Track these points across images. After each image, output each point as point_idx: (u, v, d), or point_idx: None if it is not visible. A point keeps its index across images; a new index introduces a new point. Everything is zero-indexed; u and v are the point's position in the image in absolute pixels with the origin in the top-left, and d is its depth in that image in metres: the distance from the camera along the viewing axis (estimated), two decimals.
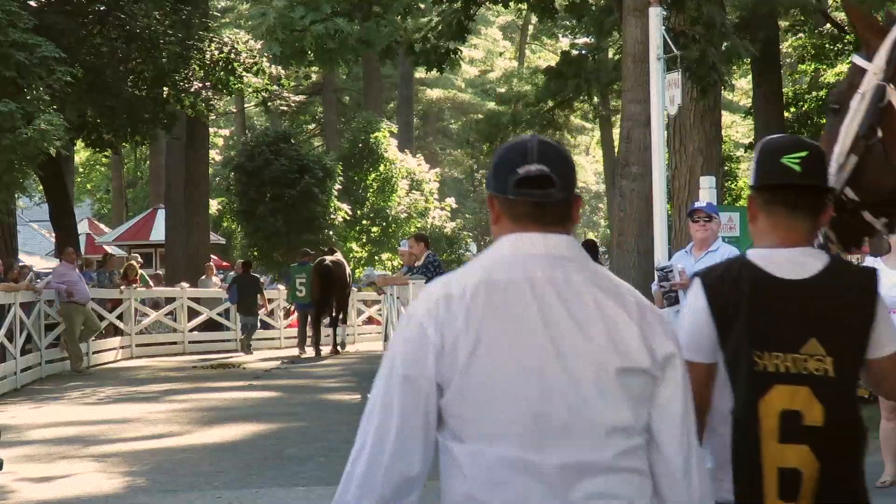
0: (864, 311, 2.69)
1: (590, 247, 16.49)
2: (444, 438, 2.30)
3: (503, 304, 2.26)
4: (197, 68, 22.38)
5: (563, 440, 2.23)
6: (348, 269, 21.20)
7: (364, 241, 32.52)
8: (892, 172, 3.15)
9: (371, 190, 33.35)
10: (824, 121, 19.87)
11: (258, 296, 20.88)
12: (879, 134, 3.17)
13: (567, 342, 2.26)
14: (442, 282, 2.36)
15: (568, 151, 2.44)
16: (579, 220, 2.48)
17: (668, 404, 2.31)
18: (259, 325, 21.45)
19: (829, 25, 23.08)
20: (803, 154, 2.72)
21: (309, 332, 19.95)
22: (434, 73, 16.46)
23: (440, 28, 14.98)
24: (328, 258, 19.91)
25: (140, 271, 21.84)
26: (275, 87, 30.00)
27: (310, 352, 19.72)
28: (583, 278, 2.32)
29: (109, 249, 30.94)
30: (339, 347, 20.50)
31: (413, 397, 2.25)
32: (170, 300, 21.63)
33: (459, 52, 15.72)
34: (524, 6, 16.13)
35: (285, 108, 42.42)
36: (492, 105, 38.29)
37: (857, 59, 3.31)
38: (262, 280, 23.31)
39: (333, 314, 20.26)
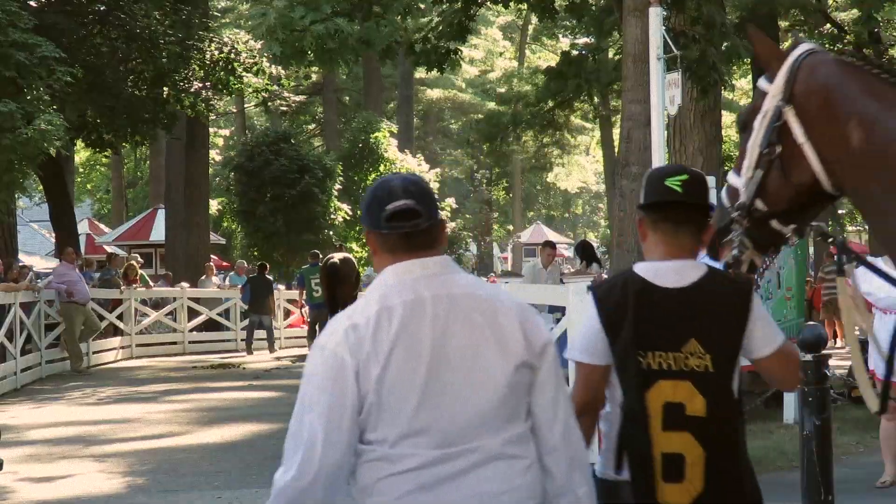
0: (739, 314, 3.04)
1: (586, 248, 16.51)
2: (364, 443, 2.60)
3: (401, 324, 2.59)
4: (197, 68, 22.37)
5: (459, 436, 2.58)
6: (356, 267, 21.24)
7: (364, 241, 32.53)
8: (791, 185, 3.53)
9: None
10: None
11: (270, 297, 20.98)
12: (778, 150, 3.52)
13: (460, 350, 2.60)
14: (346, 314, 2.66)
15: (428, 184, 2.79)
16: (446, 241, 2.83)
17: (544, 386, 2.68)
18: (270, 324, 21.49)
19: (829, 25, 23.08)
20: (684, 177, 3.11)
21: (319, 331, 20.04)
22: (434, 73, 16.44)
23: (440, 28, 14.97)
24: (336, 256, 19.96)
25: (140, 271, 21.84)
26: (275, 87, 30.00)
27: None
28: (462, 291, 2.67)
29: (109, 249, 30.96)
30: None
31: (337, 425, 2.55)
32: (168, 300, 21.64)
33: (460, 53, 15.70)
34: (524, 6, 16.09)
35: (285, 108, 42.42)
36: (492, 105, 38.29)
37: (761, 83, 3.68)
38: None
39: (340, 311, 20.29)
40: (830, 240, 3.70)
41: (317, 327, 19.83)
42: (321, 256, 20.82)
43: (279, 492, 2.58)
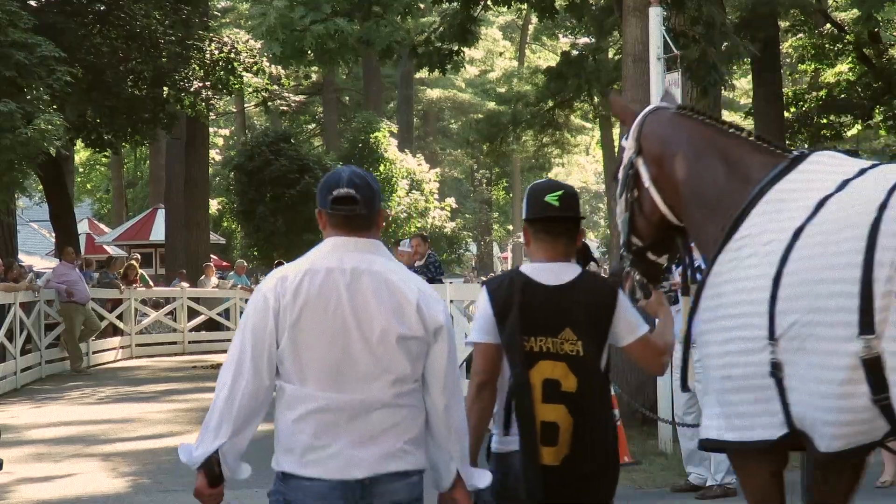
0: (606, 308, 3.68)
1: (581, 250, 16.55)
2: (278, 381, 3.25)
3: (320, 284, 3.22)
4: (197, 68, 22.35)
5: (358, 384, 3.18)
6: None
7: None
8: (648, 221, 4.31)
9: None
10: (824, 121, 19.75)
11: None
12: (635, 193, 4.33)
13: (365, 314, 3.20)
14: (282, 269, 3.33)
15: (374, 178, 3.39)
16: (381, 227, 3.38)
17: (435, 362, 3.26)
18: None
19: (829, 25, 23.07)
20: (560, 193, 3.74)
21: None
22: (436, 73, 16.42)
23: (443, 29, 14.95)
24: None
25: (140, 271, 21.83)
26: (275, 87, 29.98)
27: None
28: (380, 269, 3.27)
29: (109, 249, 30.95)
30: None
31: (259, 345, 3.20)
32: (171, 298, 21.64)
33: (463, 54, 15.67)
34: (524, 7, 16.06)
35: (285, 108, 42.39)
36: (492, 105, 38.25)
37: (621, 140, 4.51)
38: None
39: None
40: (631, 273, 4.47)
41: None
42: None
43: (218, 389, 3.24)
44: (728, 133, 4.17)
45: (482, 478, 3.42)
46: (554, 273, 3.70)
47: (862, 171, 3.68)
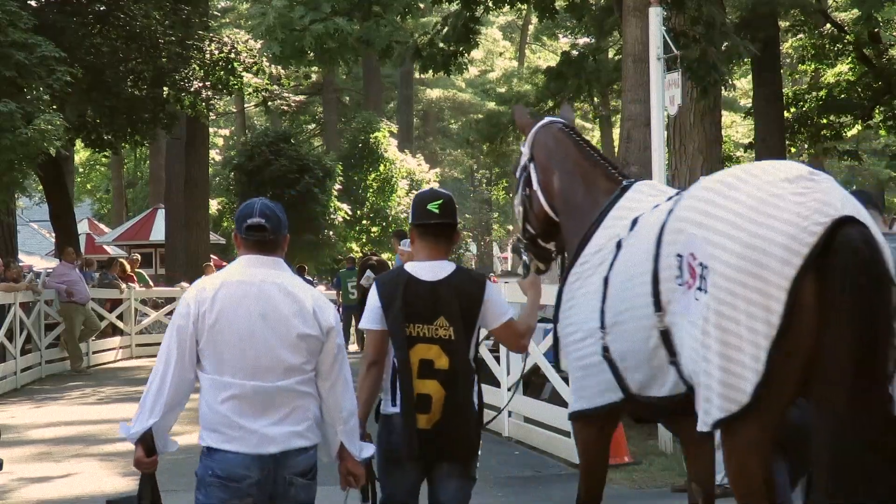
0: (475, 299, 4.46)
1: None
2: (200, 371, 4.00)
3: (234, 293, 3.98)
4: (197, 68, 22.35)
5: (267, 374, 3.93)
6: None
7: (364, 241, 32.48)
8: (536, 216, 5.37)
9: (371, 190, 33.33)
10: (824, 121, 19.70)
11: None
12: (528, 192, 5.39)
13: (271, 317, 3.95)
14: (201, 281, 4.14)
15: (281, 209, 4.14)
16: (285, 248, 4.12)
17: (327, 355, 4.03)
18: None
19: (829, 25, 23.06)
20: (440, 201, 4.54)
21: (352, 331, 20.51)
22: (439, 73, 16.40)
23: (446, 31, 14.93)
24: (374, 258, 20.65)
25: (139, 270, 21.80)
26: (275, 87, 29.94)
27: (353, 348, 19.92)
28: (283, 281, 4.03)
29: (109, 249, 30.95)
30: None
31: (182, 344, 3.96)
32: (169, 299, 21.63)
33: (467, 55, 15.66)
34: (524, 7, 16.04)
35: (285, 108, 42.40)
36: (492, 105, 38.24)
37: (522, 146, 5.52)
38: None
39: None
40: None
41: (351, 329, 20.05)
42: (357, 260, 21.13)
43: (151, 379, 4.02)
44: (591, 157, 5.20)
45: (367, 449, 4.24)
46: (432, 270, 4.48)
47: (669, 198, 4.54)
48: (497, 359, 8.52)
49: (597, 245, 4.75)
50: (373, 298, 4.51)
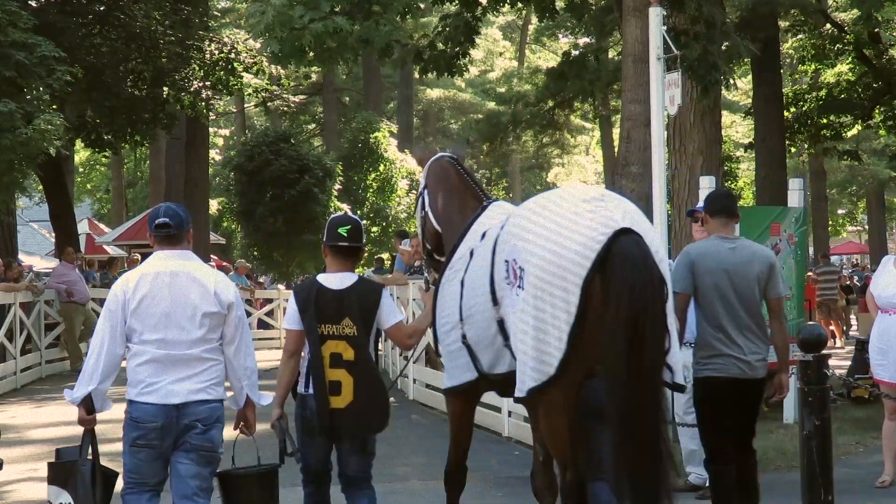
0: (372, 304, 5.59)
1: None
2: (128, 343, 5.13)
3: (152, 281, 5.11)
4: (197, 68, 22.34)
5: (178, 344, 5.09)
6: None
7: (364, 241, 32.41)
8: (430, 234, 6.49)
9: (371, 190, 33.31)
10: (824, 121, 19.68)
11: None
12: (423, 214, 6.54)
13: (182, 298, 5.08)
14: (127, 274, 5.31)
15: (183, 209, 5.32)
16: (191, 241, 5.30)
17: (230, 326, 5.20)
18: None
19: (829, 25, 23.06)
20: (349, 227, 5.70)
21: None
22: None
23: (447, 32, 14.89)
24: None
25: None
26: (275, 88, 29.93)
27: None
28: (191, 269, 5.16)
29: (109, 249, 30.91)
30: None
31: (114, 325, 5.10)
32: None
33: (468, 57, 15.60)
34: (525, 8, 15.99)
35: (285, 108, 42.38)
36: (492, 105, 38.26)
37: (421, 176, 6.71)
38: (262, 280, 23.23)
39: None
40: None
41: None
42: (385, 260, 21.13)
43: (89, 353, 5.18)
44: (466, 182, 6.41)
45: (265, 398, 5.44)
46: (339, 281, 5.63)
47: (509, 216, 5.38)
48: None
49: (460, 253, 5.85)
50: (292, 305, 5.62)
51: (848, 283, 27.19)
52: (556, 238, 4.72)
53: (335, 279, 5.62)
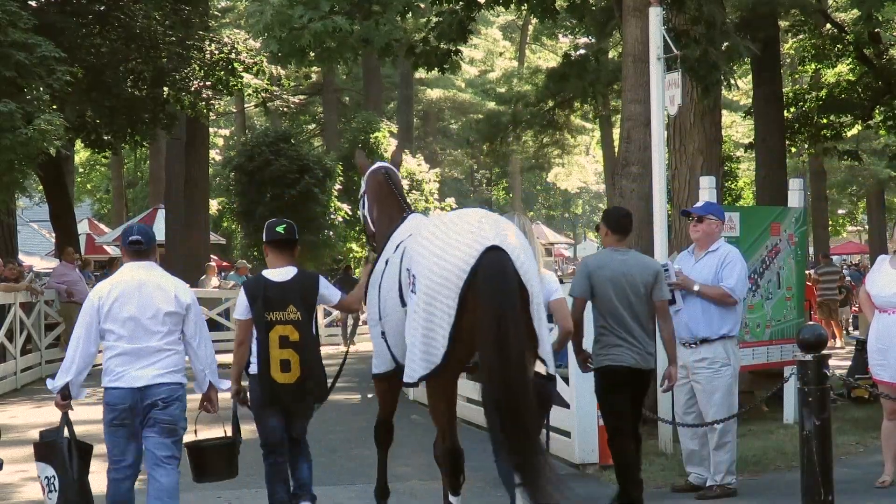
0: (312, 290, 6.73)
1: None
2: (104, 341, 6.09)
3: (123, 288, 6.05)
4: (197, 68, 22.33)
5: (144, 340, 6.02)
6: None
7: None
8: (368, 231, 7.60)
9: None
10: (824, 121, 19.64)
11: None
12: (365, 215, 7.61)
13: (147, 302, 6.02)
14: (102, 282, 6.20)
15: (151, 229, 6.41)
16: (157, 255, 6.31)
17: (189, 322, 6.16)
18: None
19: (829, 25, 23.06)
20: (285, 226, 6.82)
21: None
22: (434, 73, 16.31)
23: (441, 28, 14.87)
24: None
25: None
26: (275, 88, 29.89)
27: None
28: (155, 278, 6.12)
29: (109, 249, 30.93)
30: None
31: (89, 327, 6.05)
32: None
33: (460, 53, 15.57)
34: (525, 7, 15.99)
35: (285, 109, 42.37)
36: (492, 105, 38.24)
37: (362, 181, 7.77)
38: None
39: None
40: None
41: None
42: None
43: (69, 350, 6.16)
44: (394, 194, 7.38)
45: (224, 383, 6.45)
46: (282, 274, 6.68)
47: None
48: (566, 380, 8.73)
49: (381, 260, 6.86)
50: (241, 297, 6.66)
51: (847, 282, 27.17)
52: (441, 253, 5.68)
53: (278, 273, 6.69)
